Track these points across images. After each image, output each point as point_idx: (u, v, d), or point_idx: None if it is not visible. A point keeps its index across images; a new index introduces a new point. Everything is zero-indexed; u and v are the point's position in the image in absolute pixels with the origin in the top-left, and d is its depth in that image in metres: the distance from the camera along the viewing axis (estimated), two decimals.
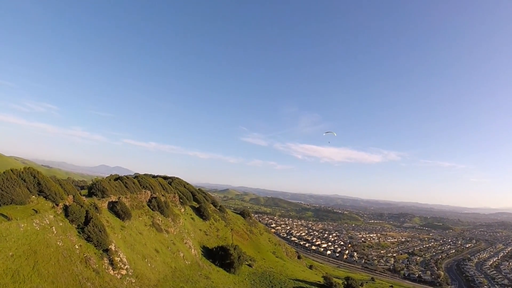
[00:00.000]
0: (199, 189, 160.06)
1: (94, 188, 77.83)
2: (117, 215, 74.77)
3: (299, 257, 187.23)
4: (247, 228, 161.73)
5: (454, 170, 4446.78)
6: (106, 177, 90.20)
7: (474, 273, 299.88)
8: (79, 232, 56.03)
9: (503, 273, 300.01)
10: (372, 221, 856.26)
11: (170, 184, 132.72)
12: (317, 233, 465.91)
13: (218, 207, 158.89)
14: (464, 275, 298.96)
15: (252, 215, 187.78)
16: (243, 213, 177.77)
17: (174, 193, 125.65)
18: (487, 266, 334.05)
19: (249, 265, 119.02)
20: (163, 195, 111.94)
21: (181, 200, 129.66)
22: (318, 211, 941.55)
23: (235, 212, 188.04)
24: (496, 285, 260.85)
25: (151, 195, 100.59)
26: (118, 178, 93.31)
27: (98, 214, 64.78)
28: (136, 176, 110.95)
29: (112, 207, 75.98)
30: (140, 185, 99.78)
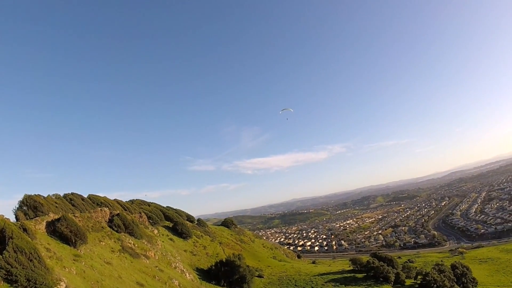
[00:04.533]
0: (167, 206, 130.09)
1: (22, 206, 48.38)
2: (64, 239, 45.83)
3: (299, 257, 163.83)
4: (236, 238, 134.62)
5: (398, 146, 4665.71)
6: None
7: (465, 223, 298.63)
8: None
9: (490, 215, 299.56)
10: (339, 211, 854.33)
11: (132, 204, 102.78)
12: (295, 235, 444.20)
13: (196, 222, 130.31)
14: (455, 228, 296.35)
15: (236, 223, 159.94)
16: (226, 223, 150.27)
17: (140, 213, 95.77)
18: (472, 213, 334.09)
19: (260, 276, 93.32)
20: (127, 215, 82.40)
21: (151, 220, 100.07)
22: (284, 217, 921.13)
23: (216, 225, 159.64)
24: (492, 226, 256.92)
25: (111, 213, 70.86)
26: (59, 197, 63.08)
27: (29, 238, 36.05)
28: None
29: (54, 230, 46.68)
30: (93, 203, 70.18)
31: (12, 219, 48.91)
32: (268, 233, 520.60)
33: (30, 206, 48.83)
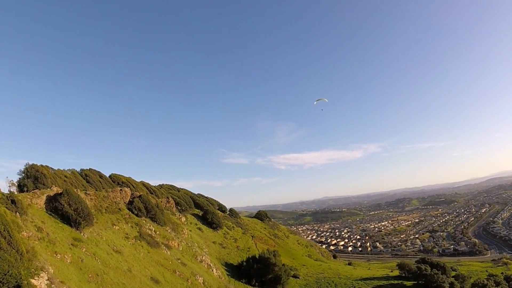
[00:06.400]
0: (198, 194, 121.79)
1: (24, 177, 40.46)
2: (66, 218, 37.03)
3: (334, 257, 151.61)
4: (270, 232, 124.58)
5: (434, 149, 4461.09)
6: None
7: (507, 232, 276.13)
8: None
9: None
10: (372, 212, 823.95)
11: (161, 188, 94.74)
12: (327, 233, 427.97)
13: (228, 212, 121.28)
14: (497, 237, 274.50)
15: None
16: (259, 216, 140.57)
17: (167, 198, 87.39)
18: None
19: (295, 276, 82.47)
20: (152, 198, 73.89)
21: (179, 207, 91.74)
22: (316, 214, 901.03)
23: (249, 217, 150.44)
24: None
25: (133, 194, 62.20)
26: (73, 171, 54.92)
27: (13, 213, 27.32)
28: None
29: (55, 207, 37.97)
30: (113, 182, 61.89)
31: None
32: (299, 229, 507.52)
33: (31, 177, 40.56)
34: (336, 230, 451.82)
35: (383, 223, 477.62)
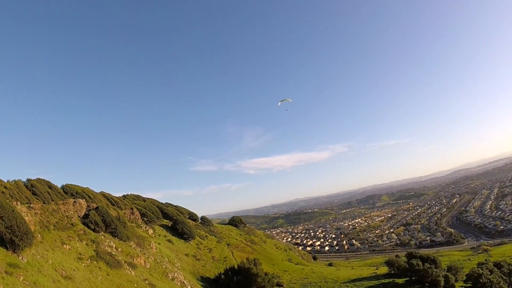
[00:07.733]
0: (166, 203, 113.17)
1: None
2: (1, 239, 29.01)
3: (314, 258, 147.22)
4: (246, 238, 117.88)
5: (399, 145, 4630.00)
6: None
7: (481, 220, 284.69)
8: None
9: (507, 211, 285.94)
10: (344, 210, 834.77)
11: (124, 198, 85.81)
12: (302, 234, 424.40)
13: (200, 221, 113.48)
14: (472, 225, 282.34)
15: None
16: (233, 222, 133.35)
17: (131, 209, 78.84)
18: (487, 210, 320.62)
19: (279, 285, 76.09)
20: (113, 210, 65.34)
21: (145, 218, 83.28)
22: (289, 217, 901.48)
23: (222, 224, 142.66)
24: (511, 222, 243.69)
25: (89, 206, 53.78)
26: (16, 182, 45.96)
27: None
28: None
29: None
30: (65, 193, 53.31)
31: None
32: (273, 233, 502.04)
33: None
34: (311, 231, 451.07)
35: (356, 220, 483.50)
